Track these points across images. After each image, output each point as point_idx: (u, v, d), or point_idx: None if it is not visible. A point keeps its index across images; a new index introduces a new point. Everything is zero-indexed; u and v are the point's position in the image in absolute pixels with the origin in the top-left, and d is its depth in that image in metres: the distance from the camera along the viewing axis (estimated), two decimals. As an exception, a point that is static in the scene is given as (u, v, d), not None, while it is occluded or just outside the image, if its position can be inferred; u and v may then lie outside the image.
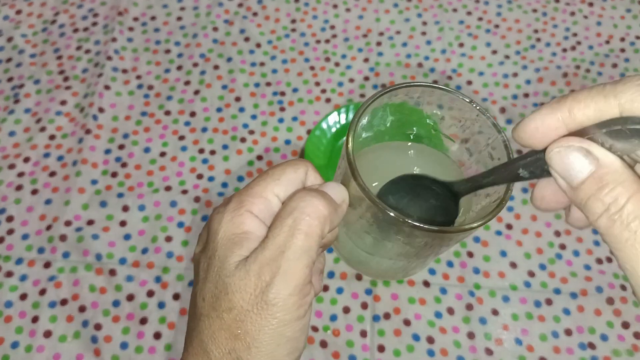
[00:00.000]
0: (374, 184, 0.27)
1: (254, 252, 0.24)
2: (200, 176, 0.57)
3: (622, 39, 0.67)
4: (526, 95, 0.63)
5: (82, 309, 0.50)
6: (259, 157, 0.58)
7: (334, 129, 0.59)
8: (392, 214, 0.23)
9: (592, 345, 0.49)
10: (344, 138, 0.27)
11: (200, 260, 0.26)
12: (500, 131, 0.25)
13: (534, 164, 0.21)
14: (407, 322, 0.50)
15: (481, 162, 0.27)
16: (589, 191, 0.20)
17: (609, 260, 0.53)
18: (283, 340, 0.23)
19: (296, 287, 0.23)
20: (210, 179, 0.57)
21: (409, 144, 0.29)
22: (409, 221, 0.23)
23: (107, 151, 0.58)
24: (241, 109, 0.61)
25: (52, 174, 0.57)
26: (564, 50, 0.66)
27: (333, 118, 0.59)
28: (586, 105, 0.19)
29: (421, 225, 0.23)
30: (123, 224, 0.54)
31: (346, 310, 0.50)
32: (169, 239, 0.53)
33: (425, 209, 0.27)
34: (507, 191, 0.24)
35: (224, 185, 0.57)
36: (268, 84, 0.63)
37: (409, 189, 0.27)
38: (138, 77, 0.63)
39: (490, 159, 0.26)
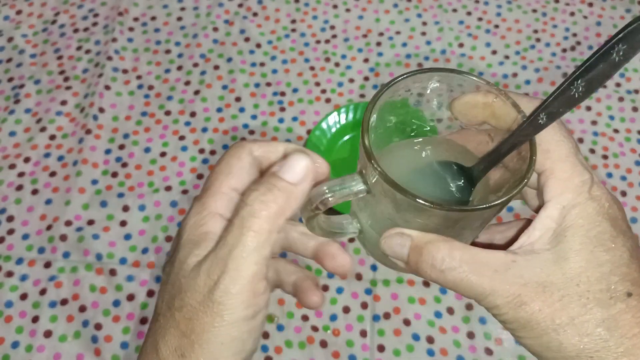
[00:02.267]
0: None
1: (209, 252, 0.24)
2: (200, 176, 0.57)
3: (622, 39, 0.67)
4: (526, 95, 0.63)
5: (82, 308, 0.50)
6: (259, 157, 0.58)
7: (334, 129, 0.59)
8: (411, 197, 0.23)
9: (591, 345, 0.49)
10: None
11: (166, 266, 0.26)
12: (519, 108, 0.25)
13: (557, 100, 0.22)
14: (407, 322, 0.50)
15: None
16: (414, 258, 0.24)
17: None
18: (228, 339, 0.23)
19: (244, 285, 0.23)
20: (211, 179, 0.57)
21: (431, 139, 0.29)
22: (428, 203, 0.23)
23: (108, 151, 0.58)
24: (241, 109, 0.61)
25: (53, 174, 0.57)
26: (564, 50, 0.66)
27: (333, 118, 0.59)
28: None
29: (448, 205, 0.23)
30: (123, 224, 0.54)
31: (346, 310, 0.50)
32: (169, 238, 0.53)
33: (444, 191, 0.27)
34: (532, 146, 0.24)
35: (224, 185, 0.57)
36: (268, 84, 0.63)
37: (426, 175, 0.28)
38: (138, 77, 0.63)
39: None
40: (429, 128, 0.29)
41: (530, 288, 0.22)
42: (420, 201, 0.23)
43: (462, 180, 0.27)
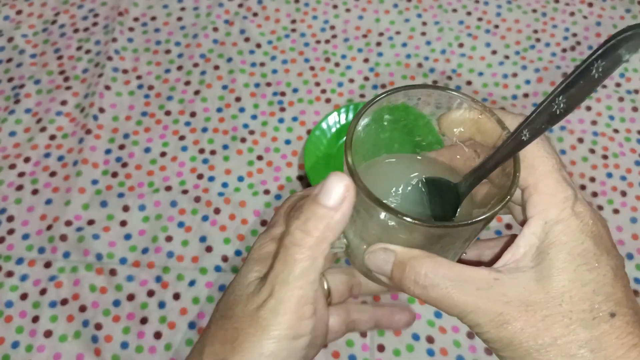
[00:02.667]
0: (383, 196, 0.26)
1: (266, 272, 0.26)
2: (200, 176, 0.57)
3: (622, 39, 0.67)
4: (526, 95, 0.63)
5: (82, 308, 0.50)
6: (259, 157, 0.58)
7: (334, 129, 0.59)
8: (393, 212, 0.23)
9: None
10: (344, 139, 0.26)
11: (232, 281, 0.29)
12: (503, 125, 0.25)
13: (539, 117, 0.22)
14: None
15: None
16: (397, 274, 0.24)
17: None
18: (266, 352, 0.24)
19: (289, 308, 0.24)
20: (211, 179, 0.57)
21: (418, 157, 0.30)
22: (409, 219, 0.23)
23: (108, 151, 0.58)
24: (241, 109, 0.61)
25: (53, 174, 0.57)
26: (564, 50, 0.66)
27: (333, 118, 0.59)
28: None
29: (422, 222, 0.23)
30: (123, 223, 0.54)
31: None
32: (169, 238, 0.54)
33: (431, 207, 0.28)
34: (515, 162, 0.24)
35: (225, 185, 0.57)
36: (268, 84, 0.63)
37: (413, 190, 0.28)
38: (138, 77, 0.63)
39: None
40: (428, 140, 0.29)
41: (513, 307, 0.22)
42: (403, 218, 0.23)
43: (449, 197, 0.27)
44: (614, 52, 0.19)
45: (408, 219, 0.23)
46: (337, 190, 0.24)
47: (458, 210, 0.27)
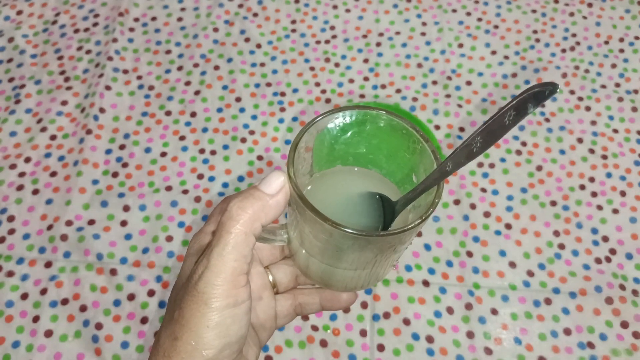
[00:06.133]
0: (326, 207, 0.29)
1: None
2: (200, 176, 0.57)
3: (621, 40, 0.67)
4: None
5: (83, 308, 0.50)
6: (259, 157, 0.59)
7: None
8: (317, 217, 0.26)
9: (591, 345, 0.49)
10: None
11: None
12: (436, 155, 0.29)
13: (461, 153, 0.26)
14: (406, 322, 0.50)
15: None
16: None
17: (608, 260, 0.53)
18: (212, 323, 0.26)
19: (224, 278, 0.26)
20: (211, 179, 0.57)
21: (356, 169, 0.34)
22: (338, 227, 0.25)
23: (108, 151, 0.58)
24: (241, 110, 0.62)
25: (53, 174, 0.57)
26: (563, 50, 0.66)
27: (333, 118, 0.60)
28: None
29: (348, 230, 0.25)
30: (124, 223, 0.54)
31: (346, 309, 0.51)
32: (169, 238, 0.54)
33: (370, 219, 0.31)
34: (438, 189, 0.28)
35: (225, 185, 0.57)
36: (268, 84, 0.63)
37: (355, 202, 0.32)
38: (139, 77, 0.63)
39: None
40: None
41: None
42: (326, 222, 0.25)
43: (387, 211, 0.30)
44: (523, 104, 0.23)
45: (326, 224, 0.25)
46: (276, 182, 0.27)
47: (393, 223, 0.30)
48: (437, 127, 0.61)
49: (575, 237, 0.55)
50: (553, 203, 0.56)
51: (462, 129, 0.61)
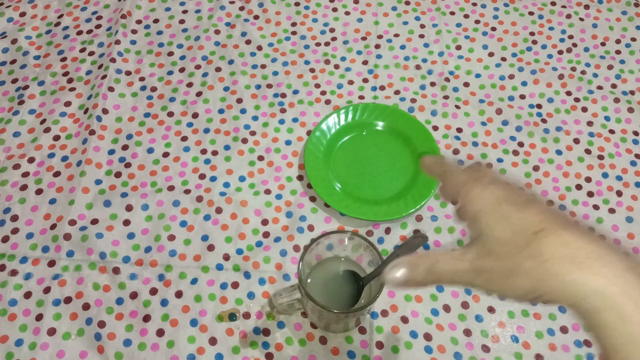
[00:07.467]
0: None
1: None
2: (202, 176, 0.58)
3: (618, 41, 0.68)
4: (522, 96, 0.64)
5: (86, 306, 0.51)
6: (260, 158, 0.59)
7: (333, 130, 0.60)
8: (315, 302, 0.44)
9: (587, 343, 0.50)
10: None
11: None
12: (380, 254, 0.45)
13: (388, 260, 0.44)
14: (404, 320, 0.51)
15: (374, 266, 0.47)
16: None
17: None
18: None
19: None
20: (213, 179, 0.58)
21: (342, 259, 0.50)
22: (322, 306, 0.44)
23: (111, 152, 0.59)
24: (242, 111, 0.62)
25: (57, 174, 0.58)
26: (560, 52, 0.67)
27: (333, 119, 0.60)
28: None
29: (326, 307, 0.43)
30: (127, 223, 0.55)
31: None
32: (171, 237, 0.54)
33: (348, 290, 0.47)
34: (381, 286, 0.44)
35: (226, 185, 0.57)
36: (269, 85, 0.64)
37: (338, 278, 0.48)
38: (141, 79, 0.64)
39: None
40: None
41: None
42: (319, 305, 0.43)
43: (359, 284, 0.47)
44: (411, 243, 0.46)
45: (319, 306, 0.43)
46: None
47: (362, 294, 0.46)
48: (436, 128, 0.61)
49: (572, 236, 0.55)
50: (550, 203, 0.57)
51: (459, 130, 0.61)
